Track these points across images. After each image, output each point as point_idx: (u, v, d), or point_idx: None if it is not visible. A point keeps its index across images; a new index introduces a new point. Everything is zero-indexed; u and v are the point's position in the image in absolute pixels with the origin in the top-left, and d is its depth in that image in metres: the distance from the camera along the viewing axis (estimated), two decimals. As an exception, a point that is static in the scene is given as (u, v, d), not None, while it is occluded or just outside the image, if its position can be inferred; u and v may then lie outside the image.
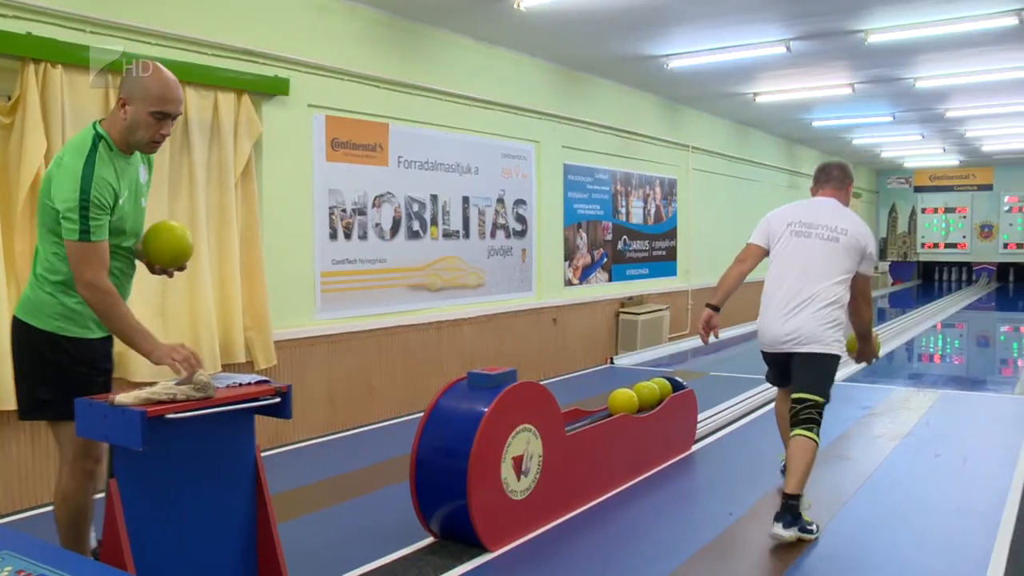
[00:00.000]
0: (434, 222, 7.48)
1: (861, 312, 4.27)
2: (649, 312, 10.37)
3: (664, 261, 11.58)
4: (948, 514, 4.21)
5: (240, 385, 2.90)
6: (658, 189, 11.40)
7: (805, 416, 3.95)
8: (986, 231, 22.62)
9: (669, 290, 11.55)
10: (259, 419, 2.94)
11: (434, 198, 7.49)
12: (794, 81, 10.45)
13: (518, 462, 3.83)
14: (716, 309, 4.35)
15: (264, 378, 3.00)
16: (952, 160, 20.69)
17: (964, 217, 22.80)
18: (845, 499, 4.48)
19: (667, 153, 11.63)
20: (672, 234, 11.82)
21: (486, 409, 3.70)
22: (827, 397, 4.03)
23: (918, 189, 23.32)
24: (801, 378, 4.02)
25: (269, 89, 5.88)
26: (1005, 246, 22.37)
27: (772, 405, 6.55)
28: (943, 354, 11.52)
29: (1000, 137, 16.36)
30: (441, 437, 3.73)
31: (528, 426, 3.89)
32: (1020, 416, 6.32)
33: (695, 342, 10.66)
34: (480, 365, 7.66)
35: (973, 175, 22.55)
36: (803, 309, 4.05)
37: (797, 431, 3.94)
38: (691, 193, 12.31)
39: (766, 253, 4.35)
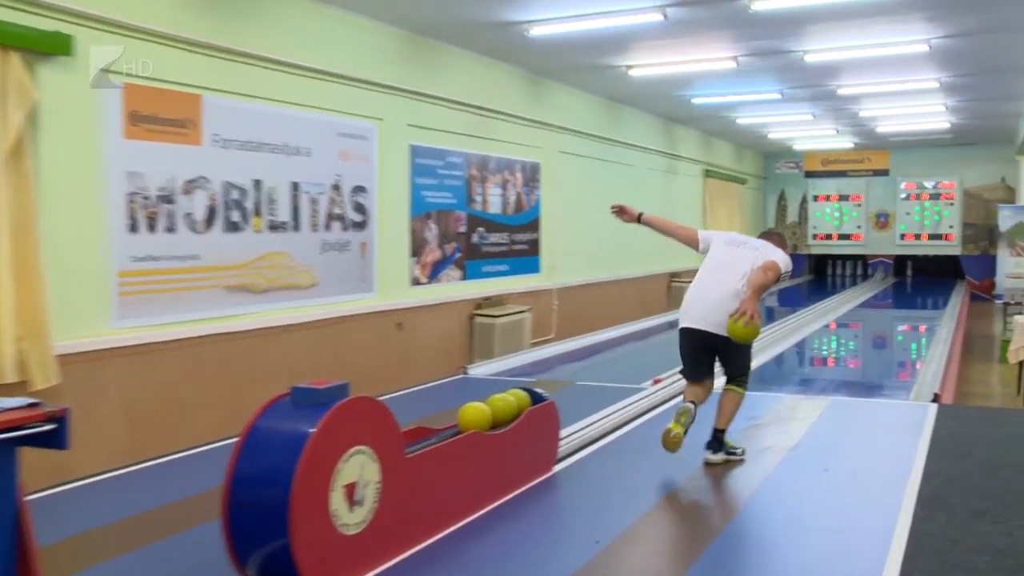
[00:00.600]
0: (258, 212, 7.34)
1: (755, 274, 5.46)
2: (508, 314, 10.47)
3: (526, 256, 11.70)
4: (836, 533, 4.40)
5: (1, 410, 2.75)
6: (519, 174, 11.51)
7: (734, 378, 5.69)
8: (882, 220, 23.87)
9: (531, 289, 11.69)
10: (33, 452, 2.80)
11: (257, 184, 7.34)
12: (672, 53, 10.75)
13: (351, 491, 3.78)
14: (637, 218, 6.20)
15: (36, 400, 2.87)
16: (846, 142, 21.75)
17: (859, 205, 23.99)
18: (727, 520, 4.63)
19: (529, 133, 11.76)
20: (535, 225, 11.96)
21: (312, 430, 3.63)
22: (748, 369, 5.76)
23: (809, 174, 24.40)
24: (728, 365, 5.69)
25: (47, 47, 5.61)
26: (902, 237, 23.64)
27: (644, 419, 6.80)
28: (836, 357, 12.09)
29: (896, 117, 17.30)
30: (258, 464, 3.64)
31: (362, 448, 3.85)
32: (915, 424, 6.67)
33: (561, 347, 10.82)
34: (313, 378, 7.55)
35: (868, 159, 23.75)
36: (726, 302, 5.40)
37: (728, 386, 5.69)
38: (557, 179, 12.49)
39: (695, 244, 5.91)
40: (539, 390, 5.51)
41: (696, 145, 19.02)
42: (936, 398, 7.46)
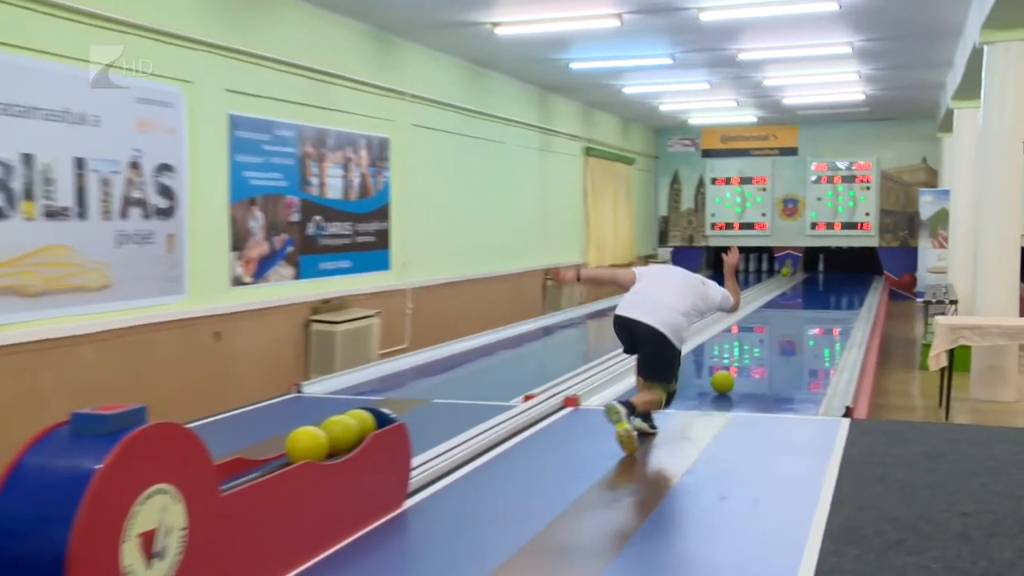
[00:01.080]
0: (29, 195, 7.12)
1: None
2: (352, 320, 10.44)
3: (373, 250, 11.68)
4: (734, 570, 4.49)
5: None
6: (364, 152, 11.45)
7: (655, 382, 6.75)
8: (790, 207, 24.59)
9: (380, 289, 11.66)
10: None
11: (28, 159, 7.12)
12: (544, 8, 10.84)
13: (148, 540, 3.67)
14: (578, 279, 7.18)
15: None
16: (748, 116, 22.32)
17: (764, 189, 24.66)
18: (605, 562, 4.66)
19: (377, 103, 11.71)
20: (384, 213, 11.92)
21: (97, 466, 3.51)
22: (673, 382, 6.82)
23: (707, 153, 24.97)
24: (648, 370, 6.73)
25: None
26: (813, 226, 24.40)
27: (513, 442, 6.90)
28: (737, 366, 12.36)
29: (804, 87, 17.83)
30: (24, 512, 3.49)
31: (164, 487, 3.74)
32: (825, 442, 6.84)
33: (416, 358, 10.78)
34: (107, 402, 7.37)
35: (774, 136, 24.44)
36: (663, 310, 6.62)
37: (649, 383, 6.72)
38: (410, 157, 12.47)
39: (633, 282, 6.92)
40: (387, 410, 5.47)
41: (576, 119, 19.25)
42: (848, 412, 7.68)
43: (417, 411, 7.78)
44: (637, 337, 6.68)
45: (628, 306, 6.76)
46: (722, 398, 9.01)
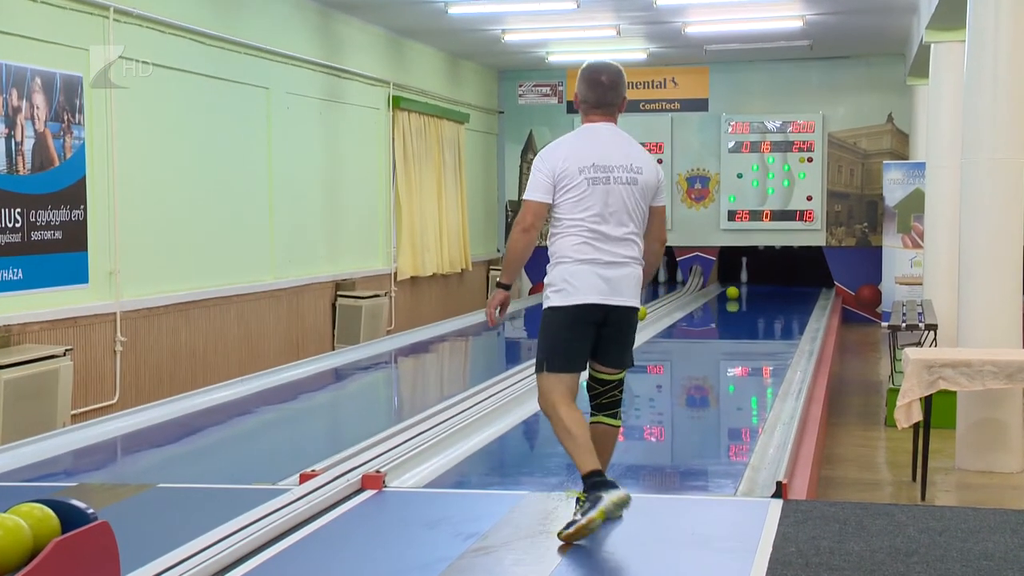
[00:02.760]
0: None
1: (652, 256, 7.48)
2: (25, 363, 10.29)
3: (59, 252, 11.51)
4: None
5: None
6: (41, 98, 11.27)
7: (609, 400, 7.39)
8: (698, 188, 24.83)
9: (73, 314, 11.48)
10: None
11: None
12: None
13: None
14: (508, 288, 7.34)
15: None
16: (635, 52, 22.47)
17: (659, 161, 24.72)
18: None
19: (61, 20, 11.50)
20: (77, 195, 11.75)
21: None
22: (632, 363, 7.45)
23: (576, 108, 25.03)
24: (612, 352, 7.24)
25: None
26: (732, 216, 24.67)
27: (285, 545, 6.81)
28: (624, 424, 12.54)
29: (716, 9, 18.11)
30: None
31: None
32: (747, 534, 6.90)
33: (132, 420, 10.63)
34: None
35: (674, 82, 24.69)
36: (621, 266, 7.09)
37: (601, 417, 7.38)
38: (119, 109, 12.29)
39: (545, 212, 7.20)
40: (80, 503, 5.37)
41: (379, 54, 19.23)
42: (781, 490, 7.81)
43: (133, 503, 7.71)
44: (611, 327, 7.15)
45: (587, 278, 7.06)
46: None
